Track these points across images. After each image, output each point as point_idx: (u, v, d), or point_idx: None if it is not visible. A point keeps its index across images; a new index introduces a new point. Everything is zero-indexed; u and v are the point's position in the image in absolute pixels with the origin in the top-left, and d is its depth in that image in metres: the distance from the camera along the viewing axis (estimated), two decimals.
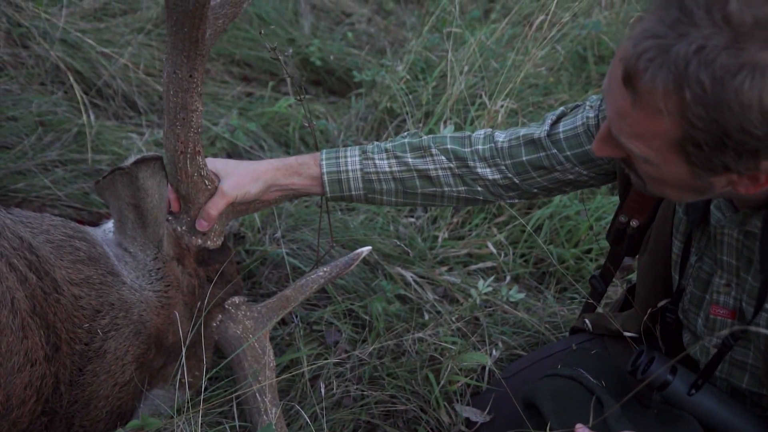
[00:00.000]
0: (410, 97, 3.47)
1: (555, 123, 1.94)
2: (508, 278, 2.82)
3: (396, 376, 2.31)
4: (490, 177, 1.97)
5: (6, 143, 2.81)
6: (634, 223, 1.94)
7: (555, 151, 1.90)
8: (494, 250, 2.89)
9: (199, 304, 1.98)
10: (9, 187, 2.64)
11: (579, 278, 2.87)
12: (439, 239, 2.95)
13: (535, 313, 2.66)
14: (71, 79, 3.01)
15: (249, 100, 3.65)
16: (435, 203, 2.06)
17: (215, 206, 1.91)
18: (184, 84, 1.73)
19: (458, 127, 3.25)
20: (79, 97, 2.94)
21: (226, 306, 2.05)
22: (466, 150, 1.98)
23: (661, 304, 1.88)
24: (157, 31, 3.62)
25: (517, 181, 1.96)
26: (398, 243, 2.85)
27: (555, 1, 3.25)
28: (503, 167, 1.96)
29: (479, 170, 1.97)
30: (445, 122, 3.29)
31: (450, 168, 1.98)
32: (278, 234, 2.75)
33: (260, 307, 2.06)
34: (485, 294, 2.53)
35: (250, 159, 3.25)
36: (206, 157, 1.92)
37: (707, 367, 1.72)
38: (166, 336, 1.91)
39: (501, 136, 1.98)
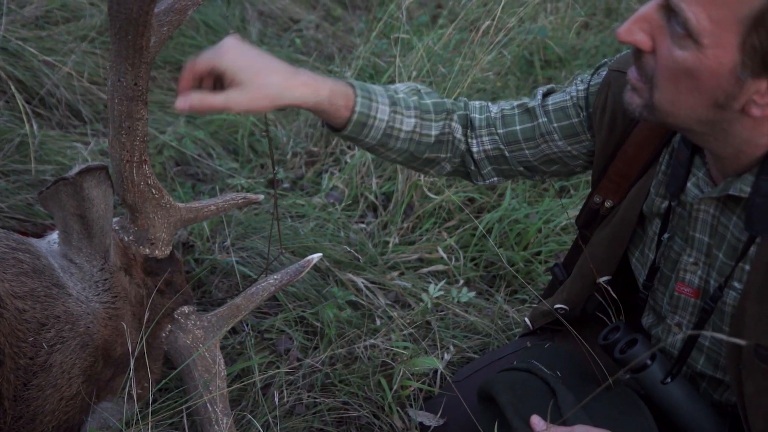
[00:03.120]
0: None
1: (545, 95, 1.92)
2: (461, 282, 2.83)
3: (348, 382, 2.30)
4: (482, 148, 1.94)
5: None
6: (608, 203, 1.90)
7: (545, 120, 1.88)
8: (444, 255, 2.91)
9: (147, 314, 1.95)
10: None
11: (529, 280, 2.90)
12: (390, 244, 2.95)
13: (486, 316, 2.67)
14: (13, 88, 2.95)
15: None
16: (428, 169, 2.00)
17: (211, 104, 1.56)
18: (128, 92, 1.70)
19: None
20: (21, 107, 2.89)
21: (176, 316, 2.02)
22: (469, 114, 1.96)
23: (603, 279, 1.89)
24: (101, 39, 3.57)
25: (507, 153, 1.93)
26: (349, 249, 2.84)
27: (501, 7, 3.28)
28: (496, 137, 1.92)
29: (474, 142, 1.94)
30: None
31: (459, 140, 1.94)
32: (228, 242, 2.73)
33: (210, 317, 2.04)
34: (436, 298, 2.54)
35: (197, 167, 3.23)
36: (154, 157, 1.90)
37: (681, 354, 1.74)
38: (114, 348, 1.88)
39: (494, 108, 1.95)
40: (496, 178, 2.01)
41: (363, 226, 3.07)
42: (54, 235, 1.93)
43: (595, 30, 4.53)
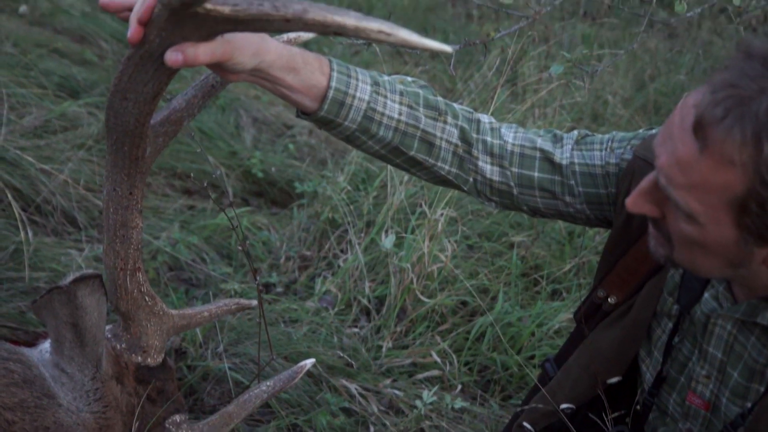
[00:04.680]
0: (351, 207, 3.51)
1: (571, 149, 1.81)
2: (459, 388, 2.81)
3: None
4: (488, 175, 1.79)
5: None
6: (612, 299, 1.83)
7: (572, 182, 1.78)
8: (438, 359, 2.89)
9: (137, 423, 1.93)
10: None
11: (523, 385, 2.88)
12: (384, 349, 2.94)
13: (481, 422, 2.64)
14: (9, 196, 2.99)
15: (191, 213, 3.65)
16: (414, 170, 1.82)
17: (202, 54, 1.40)
18: (123, 201, 1.73)
19: (399, 237, 3.29)
20: (17, 215, 2.92)
21: (167, 425, 1.99)
22: (473, 135, 1.79)
23: (612, 380, 1.82)
24: (97, 147, 3.63)
25: (515, 192, 1.81)
26: (342, 354, 2.83)
27: (490, 113, 3.36)
28: (508, 173, 1.79)
29: (480, 163, 1.78)
30: (386, 231, 3.33)
31: (455, 146, 1.77)
32: (220, 348, 2.71)
33: (202, 425, 2.01)
34: (430, 404, 2.52)
35: (191, 272, 3.24)
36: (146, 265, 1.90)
37: None
38: None
39: (509, 136, 1.80)
40: (494, 205, 1.88)
41: (356, 330, 3.07)
42: (46, 344, 1.92)
43: None
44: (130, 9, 1.36)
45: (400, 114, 1.69)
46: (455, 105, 1.80)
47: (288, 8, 1.16)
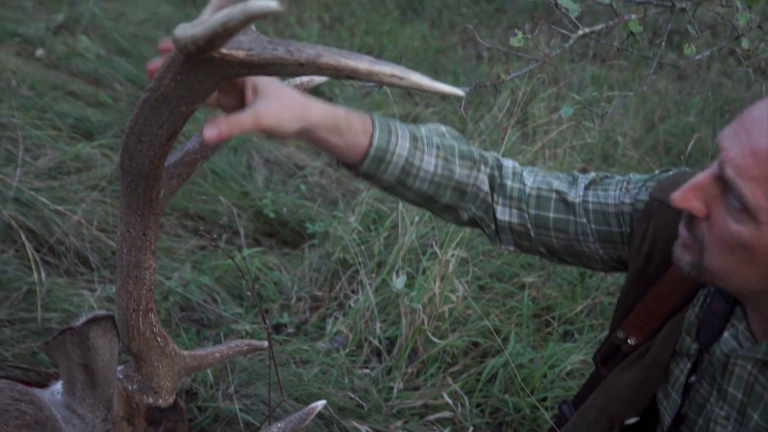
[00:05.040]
0: (362, 247, 3.52)
1: (587, 187, 1.83)
2: (471, 430, 2.79)
3: None
4: (508, 218, 1.83)
5: None
6: (631, 341, 1.82)
7: (585, 221, 1.80)
8: (450, 401, 2.87)
9: None
10: None
11: (536, 427, 2.85)
12: (395, 390, 2.92)
13: None
14: (23, 237, 3.01)
15: (203, 253, 3.66)
16: (444, 215, 1.87)
17: (241, 124, 1.44)
18: (137, 242, 1.74)
19: (410, 277, 3.29)
20: (30, 255, 2.93)
21: None
22: (498, 180, 1.83)
23: (630, 421, 1.80)
24: (111, 187, 3.66)
25: (533, 234, 1.83)
26: (353, 396, 2.82)
27: (501, 153, 3.37)
28: (526, 215, 1.82)
29: (500, 207, 1.82)
30: (397, 272, 3.33)
31: (485, 193, 1.81)
32: (231, 389, 2.71)
33: None
34: None
35: (202, 313, 3.24)
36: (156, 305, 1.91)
37: None
38: None
39: (529, 180, 1.84)
40: (513, 248, 1.89)
41: (367, 371, 3.05)
42: (58, 385, 1.92)
43: None
44: None
45: (435, 167, 1.74)
46: (486, 153, 1.84)
47: (302, 53, 1.18)
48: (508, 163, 1.86)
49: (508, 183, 1.82)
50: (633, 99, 4.83)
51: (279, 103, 1.48)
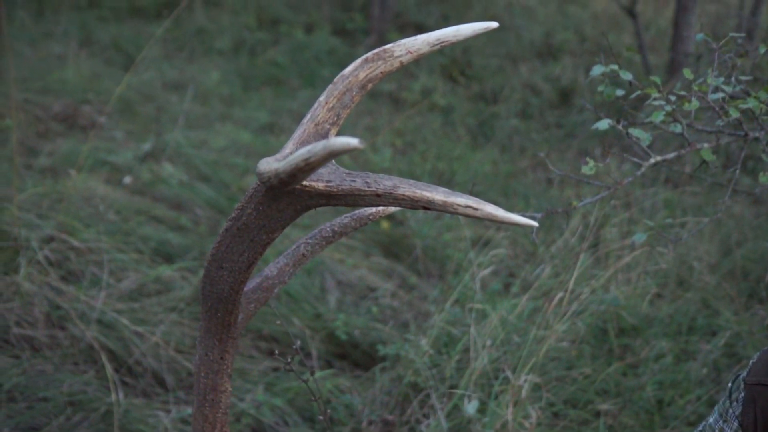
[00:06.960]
0: (434, 371, 3.50)
1: None
2: None
3: None
4: None
5: (35, 425, 2.84)
6: None
7: None
8: None
9: None
10: None
11: None
12: None
13: None
14: (103, 358, 3.09)
15: (275, 375, 3.69)
16: None
17: None
18: (215, 366, 1.78)
19: (482, 402, 3.24)
20: (109, 376, 3.01)
21: None
22: None
23: None
24: (189, 309, 3.75)
25: None
26: None
27: (573, 279, 3.37)
28: None
29: None
30: (469, 396, 3.29)
31: None
32: None
33: None
34: None
35: None
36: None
37: None
38: None
39: None
40: None
41: None
42: None
43: (668, 299, 4.55)
44: None
45: None
46: None
47: (379, 184, 1.23)
48: None
49: None
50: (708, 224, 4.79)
51: None
